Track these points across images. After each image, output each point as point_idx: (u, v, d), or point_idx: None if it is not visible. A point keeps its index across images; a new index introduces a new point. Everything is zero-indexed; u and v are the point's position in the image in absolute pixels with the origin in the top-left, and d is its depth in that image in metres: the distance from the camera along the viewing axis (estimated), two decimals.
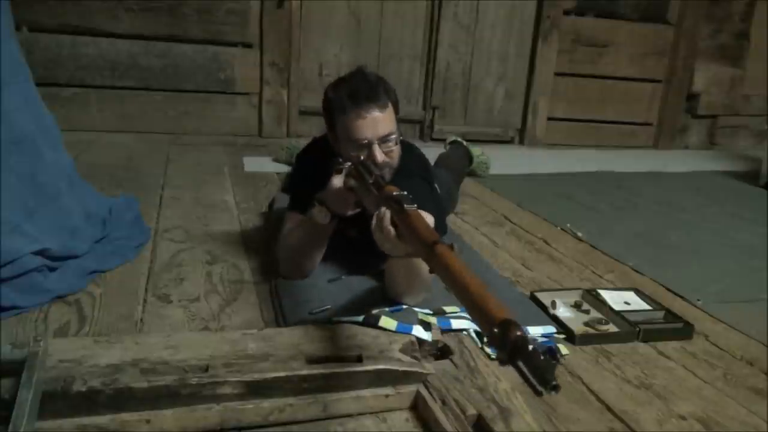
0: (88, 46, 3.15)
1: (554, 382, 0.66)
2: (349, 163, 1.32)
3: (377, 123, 1.36)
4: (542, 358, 0.68)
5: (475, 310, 0.80)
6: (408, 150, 1.53)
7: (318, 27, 3.48)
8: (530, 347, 0.70)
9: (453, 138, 2.76)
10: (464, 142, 2.75)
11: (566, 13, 3.80)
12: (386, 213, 1.08)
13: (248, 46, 3.37)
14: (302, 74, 3.52)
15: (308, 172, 1.55)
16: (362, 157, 1.34)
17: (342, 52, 3.55)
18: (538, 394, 0.68)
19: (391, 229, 1.06)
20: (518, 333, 0.71)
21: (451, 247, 0.91)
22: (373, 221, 1.10)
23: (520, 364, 0.70)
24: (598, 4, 3.86)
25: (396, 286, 1.35)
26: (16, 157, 1.45)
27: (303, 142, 2.83)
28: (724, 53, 4.16)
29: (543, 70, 3.85)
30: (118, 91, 3.25)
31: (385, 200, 1.10)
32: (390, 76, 1.56)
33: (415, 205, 1.04)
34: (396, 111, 1.42)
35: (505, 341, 0.71)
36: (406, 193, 1.08)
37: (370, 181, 1.21)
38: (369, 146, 1.36)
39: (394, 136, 1.40)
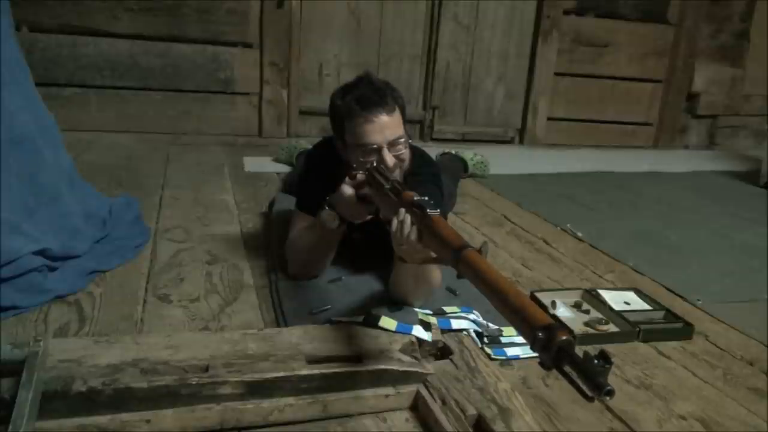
0: (88, 46, 3.14)
1: (609, 387, 0.65)
2: (362, 172, 1.30)
3: (386, 127, 1.35)
4: (595, 362, 0.68)
5: (516, 314, 0.78)
6: (415, 153, 1.52)
7: (318, 27, 3.48)
8: (582, 352, 0.69)
9: (442, 151, 2.83)
10: (453, 152, 2.85)
11: (566, 13, 3.80)
12: (407, 216, 1.07)
13: (248, 46, 3.37)
14: (302, 74, 3.51)
15: (318, 172, 1.54)
16: (374, 163, 1.32)
17: (342, 52, 3.55)
18: (589, 399, 0.67)
19: (415, 231, 1.05)
20: (564, 337, 0.70)
21: (480, 250, 0.90)
22: (393, 225, 1.09)
23: (566, 368, 0.69)
24: (598, 4, 3.85)
25: (402, 289, 1.34)
26: (16, 157, 1.45)
27: (303, 142, 2.86)
28: (724, 53, 4.16)
29: (543, 70, 3.85)
30: (118, 91, 3.25)
31: (406, 206, 1.09)
32: (390, 76, 1.56)
33: (438, 210, 1.04)
34: (403, 115, 1.41)
35: (551, 345, 0.71)
36: (426, 198, 1.07)
37: (387, 187, 1.19)
38: (378, 151, 1.35)
39: (403, 140, 1.39)
